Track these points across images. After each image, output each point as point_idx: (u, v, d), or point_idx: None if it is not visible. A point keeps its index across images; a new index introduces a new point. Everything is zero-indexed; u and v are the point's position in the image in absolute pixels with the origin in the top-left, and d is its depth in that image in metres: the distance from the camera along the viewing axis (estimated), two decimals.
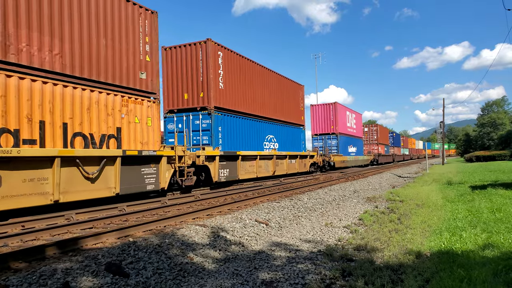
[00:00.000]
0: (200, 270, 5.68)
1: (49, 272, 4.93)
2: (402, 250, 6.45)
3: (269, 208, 10.74)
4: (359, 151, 42.97)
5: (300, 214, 10.41)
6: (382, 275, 5.18)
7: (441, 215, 9.37)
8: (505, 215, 8.54)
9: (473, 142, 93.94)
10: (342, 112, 37.23)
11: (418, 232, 7.76)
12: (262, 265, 5.97)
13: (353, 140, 40.66)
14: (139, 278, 5.11)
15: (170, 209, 10.91)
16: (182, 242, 6.77)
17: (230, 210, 10.68)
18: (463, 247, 6.19)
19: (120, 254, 5.84)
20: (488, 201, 10.79)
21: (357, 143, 42.54)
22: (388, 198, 13.84)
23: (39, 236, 7.30)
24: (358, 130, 43.55)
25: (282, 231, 8.49)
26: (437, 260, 5.67)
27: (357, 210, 11.47)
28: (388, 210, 11.14)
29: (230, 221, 8.70)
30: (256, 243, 7.42)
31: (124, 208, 10.74)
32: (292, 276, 5.40)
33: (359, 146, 43.65)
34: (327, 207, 11.93)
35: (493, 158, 50.46)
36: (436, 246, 6.49)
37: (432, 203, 11.60)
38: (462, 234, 7.05)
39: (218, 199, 13.23)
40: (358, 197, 14.51)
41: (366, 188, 18.07)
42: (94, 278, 4.91)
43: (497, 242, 6.29)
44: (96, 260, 5.51)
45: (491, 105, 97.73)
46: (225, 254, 6.53)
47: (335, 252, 6.58)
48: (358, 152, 42.43)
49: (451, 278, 4.69)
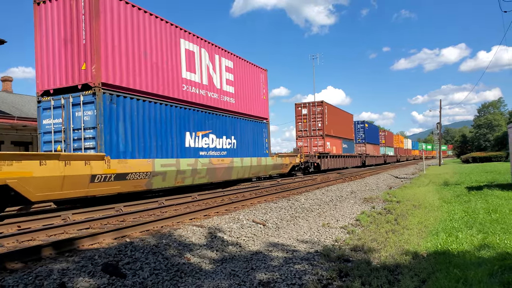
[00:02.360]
0: (197, 271, 5.67)
1: (45, 273, 4.90)
2: (398, 251, 6.47)
3: (267, 208, 10.74)
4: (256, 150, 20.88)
5: (298, 215, 10.42)
6: (378, 276, 5.19)
7: (438, 216, 9.40)
8: (501, 216, 8.58)
9: (469, 143, 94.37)
10: None
11: (414, 232, 7.78)
12: (259, 265, 5.97)
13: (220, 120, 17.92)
14: (136, 278, 5.10)
15: (167, 210, 10.89)
16: (179, 242, 6.76)
17: (227, 211, 10.67)
18: (459, 248, 6.21)
19: (117, 254, 5.83)
20: (484, 202, 10.84)
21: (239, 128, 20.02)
22: (385, 199, 13.88)
23: (35, 237, 7.27)
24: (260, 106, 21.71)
25: (279, 232, 8.49)
26: (434, 260, 5.69)
27: (354, 211, 11.50)
28: (385, 211, 11.17)
29: (227, 222, 8.70)
30: (253, 243, 7.42)
31: (121, 209, 10.71)
32: (289, 277, 5.41)
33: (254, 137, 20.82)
34: (324, 208, 11.94)
35: (489, 159, 50.72)
36: (432, 246, 6.51)
37: (428, 204, 11.64)
38: (458, 234, 7.07)
39: (216, 199, 13.22)
40: (355, 198, 14.54)
41: (363, 189, 18.11)
42: (90, 279, 4.89)
43: (493, 243, 6.32)
44: (93, 260, 5.49)
45: (487, 107, 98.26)
46: (222, 255, 6.52)
47: (332, 253, 6.59)
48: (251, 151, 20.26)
49: (447, 279, 4.71)
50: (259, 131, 20.90)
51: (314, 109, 32.68)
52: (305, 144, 32.46)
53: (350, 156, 40.12)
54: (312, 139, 32.48)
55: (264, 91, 22.12)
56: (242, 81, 19.46)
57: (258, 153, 20.59)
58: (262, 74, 22.09)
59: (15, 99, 31.24)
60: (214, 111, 16.94)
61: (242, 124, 19.10)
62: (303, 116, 33.31)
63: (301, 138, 33.19)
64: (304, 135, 33.15)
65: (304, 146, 32.32)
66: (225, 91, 17.78)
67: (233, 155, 17.99)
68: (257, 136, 20.71)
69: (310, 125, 32.86)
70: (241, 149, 18.78)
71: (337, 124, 36.29)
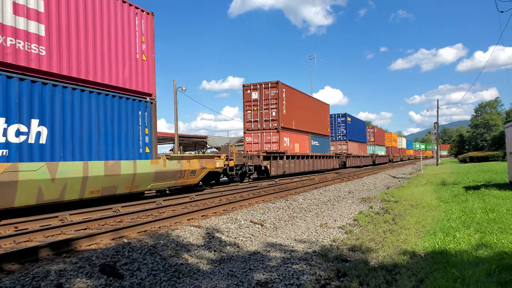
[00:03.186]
0: (195, 271, 5.66)
1: (43, 274, 4.88)
2: (396, 251, 6.48)
3: (264, 209, 10.74)
4: None
5: (295, 215, 10.42)
6: (376, 276, 5.20)
7: (435, 216, 9.42)
8: (498, 216, 8.61)
9: (466, 143, 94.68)
10: None
11: (412, 232, 7.79)
12: (257, 266, 5.97)
13: None
14: (133, 279, 5.09)
15: (165, 210, 10.87)
16: (177, 243, 6.75)
17: (225, 211, 10.66)
18: (457, 247, 6.22)
19: (115, 255, 5.81)
20: (481, 202, 10.87)
21: None
22: (383, 199, 13.90)
23: (32, 238, 7.24)
24: None
25: (277, 232, 8.49)
26: (431, 260, 5.70)
27: (352, 211, 11.51)
28: (383, 211, 11.19)
29: (225, 222, 8.69)
30: (251, 244, 7.41)
31: (119, 209, 10.68)
32: (287, 277, 5.40)
33: None
34: (322, 208, 11.95)
35: (487, 159, 50.89)
36: (430, 246, 6.52)
37: (426, 203, 11.67)
38: (455, 234, 7.09)
39: (213, 199, 13.20)
40: (353, 198, 14.56)
41: (361, 189, 18.13)
42: (88, 280, 4.87)
43: (490, 242, 6.33)
44: (90, 261, 5.47)
45: (484, 106, 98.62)
46: (220, 255, 6.51)
47: (330, 253, 6.59)
48: None
49: (445, 278, 4.71)
50: (125, 114, 11.95)
51: (267, 92, 24.31)
52: (255, 140, 24.87)
53: (323, 157, 32.39)
54: (264, 133, 24.45)
55: (143, 48, 12.97)
56: (77, 18, 10.49)
57: (124, 153, 11.76)
58: (139, 18, 12.85)
59: None
60: None
61: (69, 99, 10.10)
62: (252, 102, 24.77)
63: (250, 132, 25.00)
64: (254, 127, 24.87)
65: (254, 142, 24.96)
66: (15, 28, 9.00)
67: (35, 156, 9.22)
68: (120, 124, 11.74)
69: (262, 115, 24.55)
70: (62, 145, 9.87)
71: (303, 114, 28.71)
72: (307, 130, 29.63)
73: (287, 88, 25.80)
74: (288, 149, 25.82)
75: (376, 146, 54.04)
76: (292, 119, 26.47)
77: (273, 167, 23.50)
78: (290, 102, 26.14)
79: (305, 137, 29.44)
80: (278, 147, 24.41)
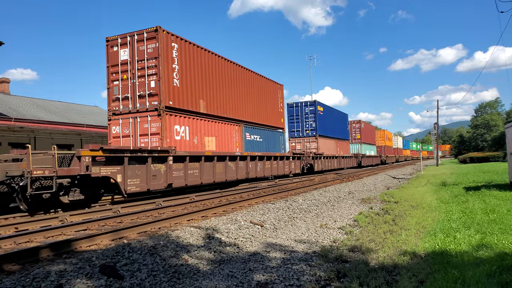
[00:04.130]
0: (195, 272, 5.66)
1: (43, 275, 4.88)
2: (396, 251, 6.47)
3: (264, 209, 10.74)
4: None
5: (295, 216, 10.41)
6: (376, 277, 5.19)
7: (436, 216, 9.42)
8: (499, 216, 8.60)
9: (467, 143, 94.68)
10: None
11: (412, 233, 7.79)
12: (257, 266, 5.96)
13: None
14: (133, 280, 5.08)
15: (164, 211, 10.87)
16: (176, 243, 6.75)
17: (225, 212, 10.66)
18: (457, 248, 6.22)
19: (115, 256, 5.81)
20: (481, 202, 10.87)
21: None
22: (383, 199, 13.89)
23: (33, 238, 7.24)
24: None
25: (277, 233, 8.48)
26: (432, 261, 5.69)
27: (352, 212, 11.50)
28: (383, 212, 11.18)
29: (225, 223, 8.69)
30: (251, 244, 7.41)
31: (119, 210, 10.68)
32: (287, 278, 5.40)
33: None
34: (322, 209, 11.95)
35: (487, 159, 50.88)
36: (430, 247, 6.51)
37: (426, 204, 11.66)
38: (456, 235, 7.08)
39: (213, 200, 13.20)
40: (353, 198, 14.55)
41: (361, 189, 18.12)
42: (88, 281, 4.87)
43: (491, 243, 6.33)
44: (90, 262, 5.47)
45: (484, 107, 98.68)
46: (220, 256, 6.51)
47: (330, 253, 6.58)
48: None
49: (445, 279, 4.71)
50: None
51: (142, 47, 14.47)
52: (125, 131, 14.63)
53: (268, 158, 22.09)
54: (139, 118, 14.34)
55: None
56: None
57: None
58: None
59: (12, 100, 31.15)
60: None
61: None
62: (121, 67, 14.84)
63: (118, 117, 14.80)
64: (124, 109, 14.76)
65: (125, 135, 14.65)
66: None
67: None
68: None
69: (135, 87, 14.52)
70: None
71: (227, 93, 18.84)
72: (236, 118, 19.56)
73: (181, 43, 15.32)
74: (188, 145, 15.44)
75: (363, 144, 45.45)
76: (197, 96, 16.28)
77: (128, 178, 12.03)
78: (192, 66, 15.96)
79: (231, 127, 19.09)
80: (161, 142, 13.85)
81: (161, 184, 13.47)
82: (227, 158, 17.83)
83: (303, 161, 27.62)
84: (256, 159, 20.80)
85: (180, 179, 14.50)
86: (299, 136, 32.11)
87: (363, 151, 45.62)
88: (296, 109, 32.32)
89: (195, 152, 15.62)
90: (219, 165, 17.24)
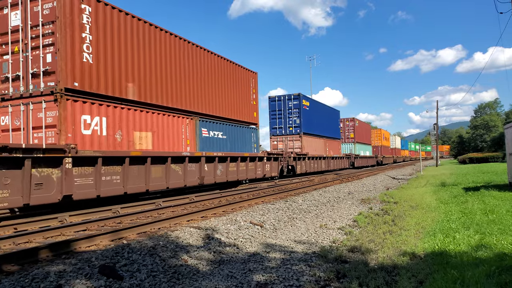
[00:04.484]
0: (195, 272, 5.66)
1: (42, 275, 4.88)
2: (396, 252, 6.48)
3: (264, 210, 10.74)
4: None
5: (295, 216, 10.41)
6: (376, 277, 5.20)
7: (435, 217, 9.42)
8: (498, 217, 8.61)
9: (466, 144, 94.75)
10: None
11: (412, 233, 7.79)
12: (257, 267, 5.96)
13: None
14: (133, 280, 5.08)
15: (164, 211, 10.86)
16: (176, 244, 6.74)
17: (224, 212, 10.66)
18: (457, 249, 6.22)
19: (114, 256, 5.81)
20: (481, 203, 10.87)
21: None
22: (382, 200, 13.90)
23: (32, 239, 7.24)
24: None
25: (277, 233, 8.48)
26: (431, 261, 5.70)
27: (352, 212, 11.50)
28: (382, 212, 11.19)
29: (224, 223, 8.69)
30: (251, 245, 7.41)
31: (118, 210, 10.68)
32: (286, 278, 5.40)
33: None
34: (321, 209, 11.95)
35: (486, 160, 50.91)
36: (429, 247, 6.52)
37: (426, 204, 11.67)
38: (455, 235, 7.09)
39: (213, 201, 13.20)
40: (353, 199, 14.56)
41: (361, 190, 18.13)
42: (87, 281, 4.87)
43: (490, 243, 6.33)
44: (90, 262, 5.47)
45: (484, 108, 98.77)
46: (220, 256, 6.51)
47: (330, 254, 6.58)
48: None
49: (444, 280, 4.71)
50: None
51: (37, 8, 10.55)
52: (16, 122, 10.63)
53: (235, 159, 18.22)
54: (32, 106, 10.49)
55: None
56: None
57: None
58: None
59: None
60: None
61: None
62: (11, 35, 10.83)
63: (7, 102, 10.77)
64: (14, 93, 10.77)
65: (15, 128, 10.67)
66: None
67: None
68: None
69: (28, 62, 10.56)
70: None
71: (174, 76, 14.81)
72: (187, 109, 15.53)
73: (99, 6, 11.61)
74: (105, 143, 11.42)
75: (357, 144, 42.11)
76: (123, 77, 12.40)
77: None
78: (116, 39, 12.16)
79: (179, 121, 14.93)
80: (58, 138, 10.12)
81: (53, 196, 9.46)
82: (168, 160, 13.45)
83: (281, 162, 24.11)
84: (215, 161, 16.56)
85: (87, 188, 10.35)
86: (281, 134, 28.65)
87: (357, 151, 42.45)
88: (278, 104, 28.77)
89: (114, 152, 11.39)
90: (156, 169, 12.96)
